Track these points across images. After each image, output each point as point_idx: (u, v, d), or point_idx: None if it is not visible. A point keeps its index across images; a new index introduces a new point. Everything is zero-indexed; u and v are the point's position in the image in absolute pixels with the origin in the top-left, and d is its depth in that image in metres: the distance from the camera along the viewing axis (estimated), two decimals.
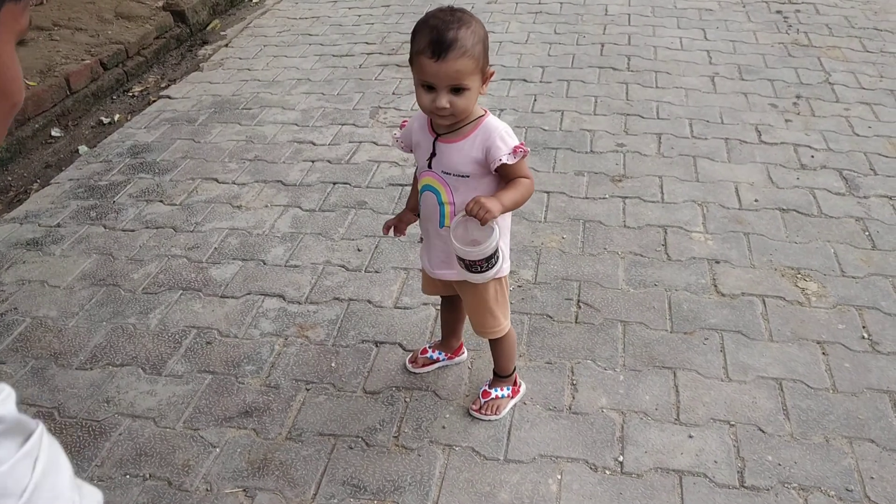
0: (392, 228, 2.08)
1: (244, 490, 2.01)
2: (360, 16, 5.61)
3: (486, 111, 1.82)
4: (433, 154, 1.84)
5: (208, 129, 3.99)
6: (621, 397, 2.25)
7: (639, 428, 2.15)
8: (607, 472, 2.03)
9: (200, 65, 4.91)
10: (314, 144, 3.78)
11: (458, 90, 1.67)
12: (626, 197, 3.22)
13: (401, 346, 2.48)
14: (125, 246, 3.06)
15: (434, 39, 1.62)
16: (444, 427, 2.18)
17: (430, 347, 2.38)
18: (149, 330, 2.60)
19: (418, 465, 2.06)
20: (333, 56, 4.88)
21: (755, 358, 2.37)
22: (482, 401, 2.20)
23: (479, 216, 1.71)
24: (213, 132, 3.96)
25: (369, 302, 2.68)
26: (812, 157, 3.48)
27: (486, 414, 2.19)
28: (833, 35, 4.86)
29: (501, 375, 2.21)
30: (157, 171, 3.62)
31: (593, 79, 4.34)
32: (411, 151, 1.97)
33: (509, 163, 1.75)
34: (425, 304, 2.64)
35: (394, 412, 2.23)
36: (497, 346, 2.16)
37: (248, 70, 4.74)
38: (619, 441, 2.11)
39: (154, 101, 4.43)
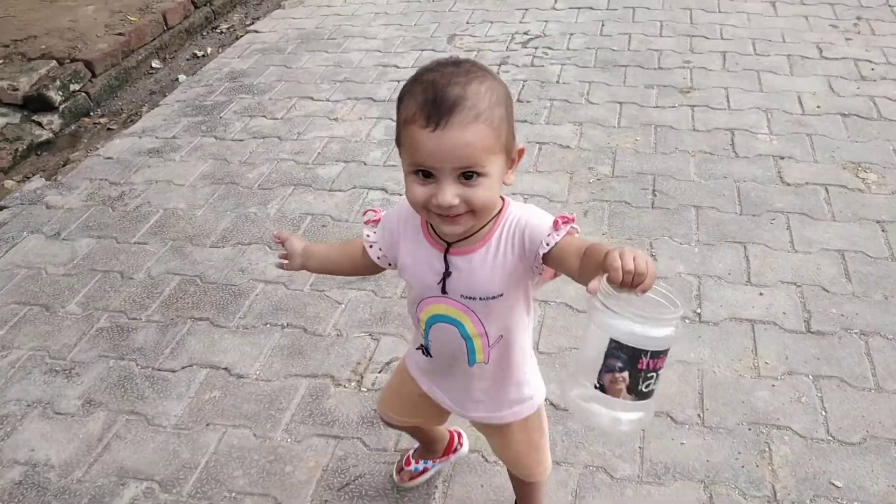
0: (282, 243, 1.51)
1: (370, 334, 2.34)
2: None
3: (504, 199, 1.24)
4: (447, 273, 1.25)
5: (298, 57, 4.30)
6: (696, 265, 2.52)
7: (714, 288, 2.41)
8: (686, 321, 2.30)
9: (282, 3, 5.21)
10: (398, 67, 4.06)
11: (470, 175, 1.09)
12: (695, 105, 3.44)
13: None
14: (237, 153, 3.39)
15: (429, 100, 1.06)
16: None
17: (412, 457, 1.87)
18: (269, 217, 2.93)
19: None
20: None
21: (819, 234, 2.61)
22: None
23: (647, 282, 0.94)
24: (303, 59, 4.27)
25: None
26: (872, 69, 3.66)
27: None
28: None
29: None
30: (255, 92, 3.94)
31: (658, 5, 4.54)
32: (389, 266, 1.39)
33: (558, 239, 1.15)
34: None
35: None
36: (534, 489, 1.65)
37: (328, 6, 5.03)
38: (696, 298, 2.38)
39: (242, 36, 4.75)
